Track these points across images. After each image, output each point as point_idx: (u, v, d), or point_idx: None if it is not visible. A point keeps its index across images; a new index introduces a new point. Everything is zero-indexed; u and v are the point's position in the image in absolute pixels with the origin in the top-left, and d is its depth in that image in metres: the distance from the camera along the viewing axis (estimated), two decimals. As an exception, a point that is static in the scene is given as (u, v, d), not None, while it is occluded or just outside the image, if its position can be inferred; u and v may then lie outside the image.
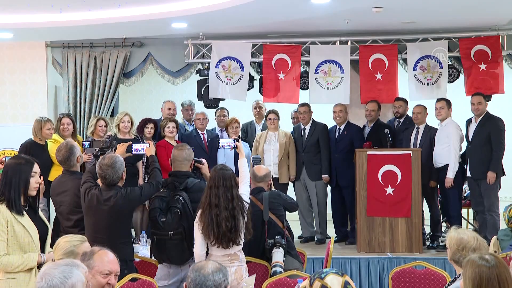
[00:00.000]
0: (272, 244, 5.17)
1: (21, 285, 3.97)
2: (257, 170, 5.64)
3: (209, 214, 4.76)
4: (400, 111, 8.30)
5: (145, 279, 4.72)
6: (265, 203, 5.38)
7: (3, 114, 9.25)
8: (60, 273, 2.66)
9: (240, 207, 4.82)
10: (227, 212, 4.77)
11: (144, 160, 7.87)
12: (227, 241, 4.77)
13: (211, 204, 4.78)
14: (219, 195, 4.79)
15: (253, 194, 5.44)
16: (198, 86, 9.00)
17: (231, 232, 4.76)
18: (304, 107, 8.29)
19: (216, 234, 4.73)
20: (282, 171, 8.18)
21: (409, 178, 7.37)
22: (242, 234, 4.85)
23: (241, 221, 4.80)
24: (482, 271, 2.88)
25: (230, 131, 8.20)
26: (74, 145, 5.16)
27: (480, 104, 7.58)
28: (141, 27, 8.35)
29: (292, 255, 5.36)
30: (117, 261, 3.40)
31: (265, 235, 5.30)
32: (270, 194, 5.48)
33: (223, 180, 4.82)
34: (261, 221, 5.36)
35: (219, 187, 4.80)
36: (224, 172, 4.87)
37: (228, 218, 4.75)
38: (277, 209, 5.45)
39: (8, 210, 3.96)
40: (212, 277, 2.87)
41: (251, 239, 5.07)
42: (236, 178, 4.94)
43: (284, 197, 5.70)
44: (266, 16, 7.81)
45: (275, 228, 5.34)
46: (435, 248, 7.62)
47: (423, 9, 7.53)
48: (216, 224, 4.74)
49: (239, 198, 4.84)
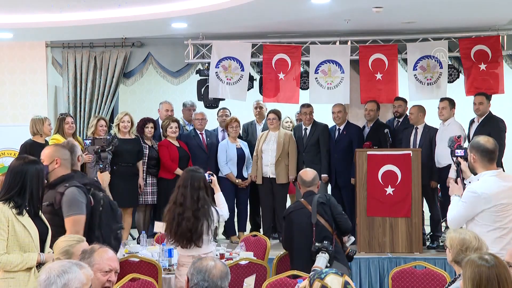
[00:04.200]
0: (318, 248, 4.98)
1: (20, 285, 3.97)
2: (304, 175, 5.48)
3: (173, 212, 4.85)
4: (399, 111, 8.30)
5: (145, 279, 4.72)
6: (313, 206, 5.22)
7: (3, 114, 9.25)
8: (59, 267, 2.72)
9: (206, 211, 4.85)
10: (190, 212, 4.82)
11: (145, 160, 7.88)
12: (186, 241, 4.82)
13: (177, 202, 4.87)
14: (186, 194, 4.87)
15: (304, 197, 5.35)
16: (198, 86, 9.00)
17: (191, 232, 4.81)
18: (310, 108, 8.29)
19: (175, 232, 4.81)
20: (279, 171, 8.12)
21: (409, 178, 7.37)
22: (206, 237, 4.87)
23: (204, 224, 4.83)
24: (482, 271, 2.88)
25: (230, 130, 8.20)
26: (75, 144, 5.17)
27: (481, 104, 7.58)
28: (141, 27, 8.35)
29: (338, 260, 5.14)
30: (117, 258, 3.44)
31: (313, 237, 5.13)
32: (320, 198, 5.30)
33: (191, 180, 4.90)
34: (310, 224, 5.21)
35: (187, 187, 4.88)
36: (195, 173, 4.95)
37: (190, 218, 4.81)
38: (327, 214, 5.27)
39: (10, 209, 3.96)
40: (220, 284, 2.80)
41: (301, 242, 5.09)
42: (206, 181, 5.01)
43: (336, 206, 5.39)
44: (266, 16, 7.81)
45: (323, 232, 5.18)
46: (435, 248, 7.62)
47: (423, 9, 7.53)
48: (177, 222, 4.81)
49: (206, 201, 4.88)
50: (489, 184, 4.27)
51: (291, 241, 5.38)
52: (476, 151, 4.36)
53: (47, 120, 7.58)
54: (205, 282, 2.77)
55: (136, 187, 7.77)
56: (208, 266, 2.82)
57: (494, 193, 4.23)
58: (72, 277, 2.68)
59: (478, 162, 4.36)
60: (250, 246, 6.34)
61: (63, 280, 2.66)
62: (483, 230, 4.16)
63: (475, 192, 4.24)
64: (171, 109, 8.49)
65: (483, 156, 4.33)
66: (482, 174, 4.33)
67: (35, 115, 7.77)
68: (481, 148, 4.35)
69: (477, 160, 4.36)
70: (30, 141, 7.46)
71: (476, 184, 4.33)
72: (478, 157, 4.35)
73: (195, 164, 7.99)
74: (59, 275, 2.67)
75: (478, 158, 4.35)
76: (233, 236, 8.20)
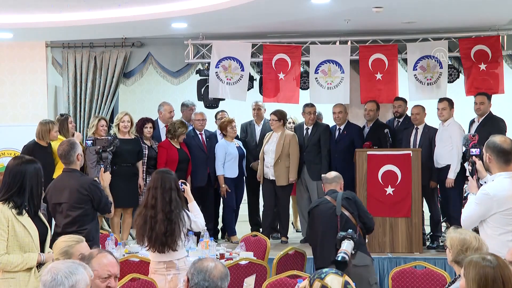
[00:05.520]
0: (343, 236, 5.06)
1: (21, 285, 3.98)
2: (328, 173, 5.80)
3: (144, 215, 4.70)
4: (399, 111, 8.30)
5: (145, 279, 4.72)
6: (338, 199, 5.38)
7: (3, 114, 9.25)
8: (66, 268, 2.68)
9: (178, 213, 4.70)
10: (163, 214, 4.67)
11: (145, 160, 7.88)
12: (161, 245, 4.67)
13: (148, 205, 4.71)
14: (157, 196, 4.71)
15: (328, 194, 5.51)
16: (198, 86, 9.00)
17: (166, 236, 4.65)
18: (314, 108, 8.30)
19: (149, 237, 4.66)
20: (279, 174, 8.08)
21: (409, 178, 7.37)
22: (180, 242, 4.74)
23: (178, 226, 4.69)
24: (487, 272, 2.86)
25: (230, 130, 8.19)
26: (76, 142, 5.19)
27: (482, 104, 7.58)
28: (141, 27, 8.35)
29: (362, 251, 5.25)
30: (116, 263, 3.35)
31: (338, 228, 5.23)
32: (344, 194, 5.49)
33: (161, 181, 4.74)
34: (334, 215, 5.33)
35: (157, 188, 4.73)
36: (165, 174, 4.81)
37: (164, 221, 4.65)
38: (352, 207, 5.41)
39: (9, 209, 3.97)
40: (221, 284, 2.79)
41: (326, 234, 5.18)
42: (178, 182, 4.86)
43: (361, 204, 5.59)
44: (266, 16, 7.81)
45: (348, 224, 5.28)
46: (435, 248, 7.62)
47: (423, 9, 7.53)
48: (150, 226, 4.66)
49: (178, 203, 4.73)
50: (503, 186, 4.10)
51: (316, 234, 5.47)
52: (492, 151, 4.18)
53: (55, 127, 7.41)
54: (206, 282, 2.77)
55: (136, 187, 7.77)
56: (208, 267, 2.82)
57: (508, 196, 4.08)
58: (80, 278, 2.66)
59: (494, 163, 4.19)
60: (250, 246, 6.35)
61: (71, 281, 2.63)
62: (494, 233, 4.08)
63: (488, 193, 4.11)
64: (173, 109, 8.49)
65: (499, 157, 4.16)
66: (497, 175, 4.17)
67: (43, 119, 7.67)
68: (497, 149, 4.16)
69: (493, 161, 4.19)
70: (33, 142, 7.41)
71: (490, 185, 4.20)
72: (494, 158, 4.17)
73: (195, 165, 8.03)
74: (67, 277, 2.63)
75: (494, 159, 4.18)
76: (233, 236, 8.21)
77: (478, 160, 4.48)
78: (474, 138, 4.70)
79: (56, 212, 5.15)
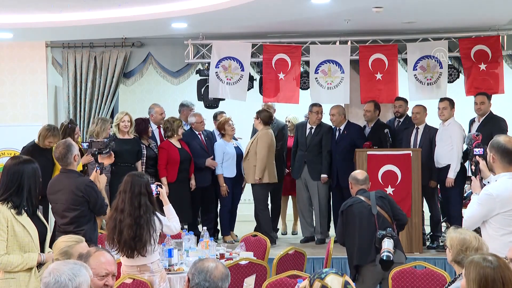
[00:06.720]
0: (383, 235, 5.16)
1: (21, 285, 3.98)
2: (357, 174, 5.77)
3: (114, 219, 4.65)
4: (400, 111, 8.30)
5: (141, 279, 4.71)
6: (372, 198, 5.45)
7: (3, 114, 9.23)
8: (69, 270, 2.66)
9: (148, 218, 4.64)
10: (131, 219, 4.61)
11: (144, 160, 7.87)
12: (130, 250, 4.61)
13: (117, 209, 4.67)
14: (125, 200, 4.65)
15: (359, 194, 5.56)
16: (198, 86, 9.00)
17: (134, 241, 4.59)
18: (321, 108, 8.33)
19: (118, 240, 4.61)
20: (247, 172, 8.17)
21: (409, 178, 7.37)
22: (150, 247, 4.67)
23: (147, 231, 4.62)
24: (487, 273, 2.86)
25: (228, 128, 8.20)
26: (72, 143, 5.19)
27: (482, 104, 7.58)
28: (141, 27, 8.35)
29: (399, 248, 5.35)
30: (114, 261, 3.35)
31: (376, 226, 5.33)
32: (377, 193, 5.59)
33: (131, 185, 4.67)
34: (371, 215, 5.40)
35: (126, 192, 4.67)
36: (136, 178, 4.73)
37: (132, 226, 4.59)
38: (386, 206, 5.49)
39: (8, 209, 3.97)
40: (221, 285, 2.79)
41: (363, 234, 5.25)
42: (150, 186, 4.78)
43: (393, 201, 5.71)
44: (266, 16, 7.81)
45: (385, 223, 5.38)
46: (435, 248, 7.62)
47: (423, 9, 7.52)
48: (119, 230, 4.61)
49: (148, 208, 4.66)
50: (506, 187, 4.06)
51: (351, 234, 5.49)
52: (496, 151, 4.13)
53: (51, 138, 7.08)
54: (206, 282, 2.77)
55: (136, 187, 7.74)
56: (209, 267, 2.81)
57: (511, 197, 4.05)
58: (83, 280, 2.65)
59: (498, 163, 4.13)
60: (250, 246, 6.34)
61: (74, 283, 2.61)
62: (496, 234, 4.06)
63: (491, 194, 4.08)
64: (164, 111, 8.41)
65: (503, 157, 4.10)
66: (501, 175, 4.13)
67: (47, 124, 7.56)
68: (501, 149, 4.10)
69: (497, 161, 4.14)
70: (33, 143, 7.35)
71: (493, 185, 4.16)
72: (498, 158, 4.12)
73: (197, 164, 8.02)
74: (71, 279, 2.62)
75: (498, 159, 4.13)
76: (226, 236, 8.20)
77: (482, 160, 4.42)
78: (477, 138, 4.65)
79: (54, 212, 5.17)
